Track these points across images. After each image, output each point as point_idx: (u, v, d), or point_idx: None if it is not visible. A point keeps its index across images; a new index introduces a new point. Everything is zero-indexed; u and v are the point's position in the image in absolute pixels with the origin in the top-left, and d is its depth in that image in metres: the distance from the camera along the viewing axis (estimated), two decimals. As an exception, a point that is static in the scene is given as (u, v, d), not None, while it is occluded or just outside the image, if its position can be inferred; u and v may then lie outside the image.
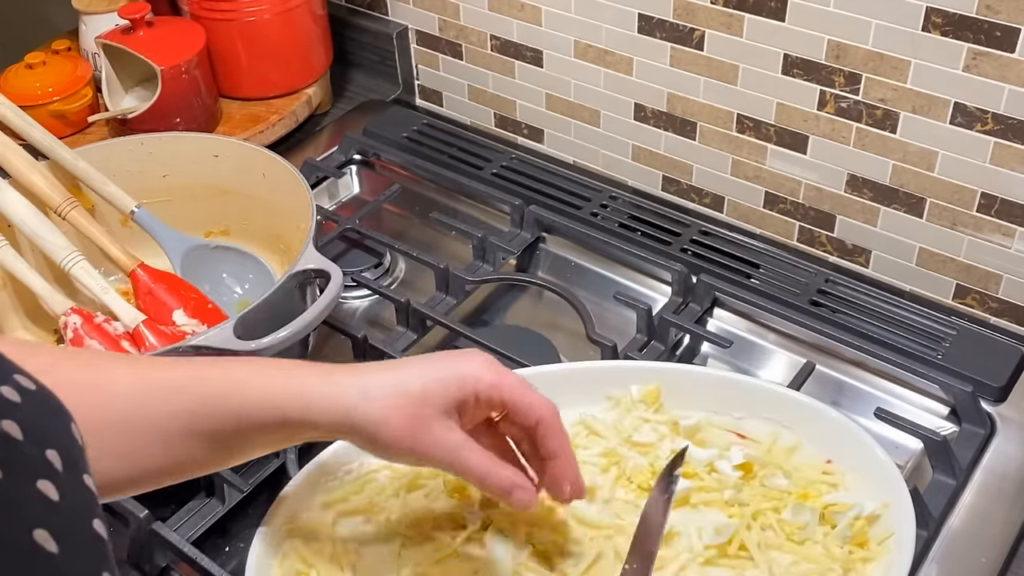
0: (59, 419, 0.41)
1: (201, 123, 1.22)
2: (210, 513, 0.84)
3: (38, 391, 0.40)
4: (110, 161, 1.04)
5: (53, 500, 0.37)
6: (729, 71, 1.06)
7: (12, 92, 1.14)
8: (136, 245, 1.03)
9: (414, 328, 1.01)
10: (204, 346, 0.82)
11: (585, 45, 1.16)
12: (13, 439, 0.37)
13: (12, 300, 1.02)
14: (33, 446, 0.37)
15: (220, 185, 1.06)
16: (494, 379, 0.65)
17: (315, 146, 1.29)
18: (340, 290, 0.88)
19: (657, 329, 0.98)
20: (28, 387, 0.40)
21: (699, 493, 0.76)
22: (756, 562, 0.72)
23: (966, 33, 0.90)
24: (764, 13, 1.01)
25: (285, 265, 1.01)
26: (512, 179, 1.18)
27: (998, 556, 0.80)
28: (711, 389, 0.83)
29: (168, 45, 1.19)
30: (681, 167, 1.16)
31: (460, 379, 0.64)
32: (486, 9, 1.22)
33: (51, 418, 0.40)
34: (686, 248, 1.07)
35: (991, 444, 0.88)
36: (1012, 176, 0.94)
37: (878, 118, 0.99)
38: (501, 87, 1.28)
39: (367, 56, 1.38)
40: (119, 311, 0.96)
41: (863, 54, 0.97)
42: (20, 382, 0.39)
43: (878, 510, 0.74)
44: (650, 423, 0.82)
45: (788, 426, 0.81)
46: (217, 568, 0.77)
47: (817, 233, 1.10)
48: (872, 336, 0.95)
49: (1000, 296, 1.01)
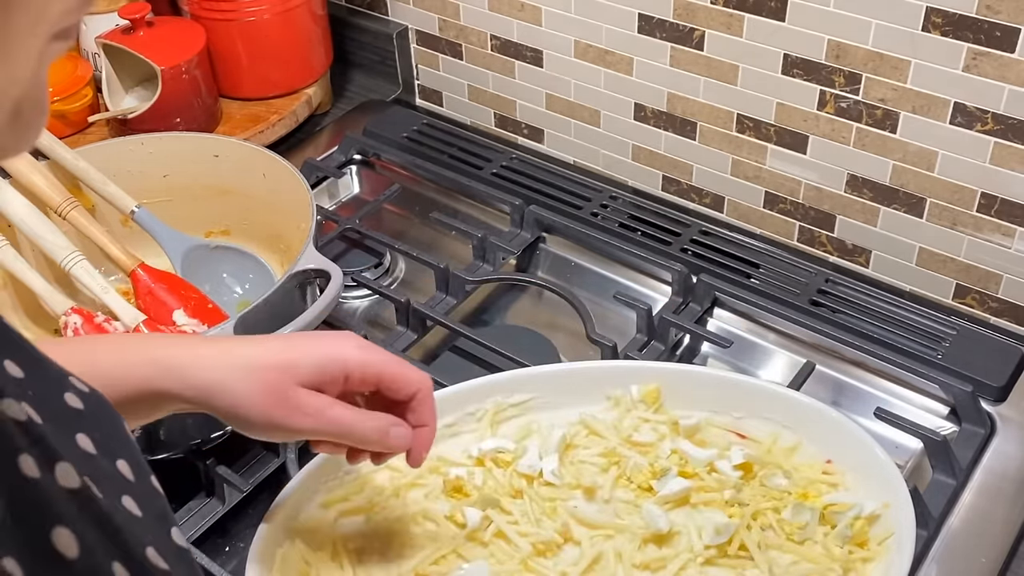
0: (115, 422, 0.40)
1: (201, 123, 1.22)
2: (210, 513, 0.84)
3: (92, 393, 0.40)
4: (110, 161, 1.04)
5: (137, 516, 0.36)
6: (729, 71, 1.06)
7: (12, 92, 1.14)
8: (136, 245, 1.03)
9: (414, 328, 1.01)
10: (204, 346, 0.82)
11: (585, 45, 1.16)
12: (89, 455, 0.36)
13: (12, 300, 1.01)
14: (107, 459, 0.37)
15: (220, 185, 1.06)
16: (364, 357, 0.65)
17: (315, 146, 1.29)
18: (340, 290, 0.88)
19: (657, 329, 0.98)
20: (83, 390, 0.39)
21: (699, 493, 0.76)
22: (756, 562, 0.72)
23: (966, 33, 0.90)
24: (764, 13, 1.01)
25: (285, 265, 1.01)
26: (512, 179, 1.18)
27: (998, 556, 0.80)
28: (711, 389, 0.83)
29: (168, 45, 1.19)
30: (681, 167, 1.16)
31: (327, 357, 0.64)
32: (486, 9, 1.22)
33: (109, 423, 0.40)
34: (686, 248, 1.07)
35: (991, 444, 0.88)
36: (1012, 176, 0.94)
37: (878, 118, 0.99)
38: (501, 87, 1.28)
39: (367, 56, 1.38)
40: (119, 311, 0.96)
41: (863, 54, 0.97)
42: (76, 385, 0.39)
43: (878, 510, 0.74)
44: (650, 423, 0.82)
45: (788, 426, 0.81)
46: (217, 568, 0.77)
47: (817, 233, 1.10)
48: (872, 336, 0.95)
49: (1000, 296, 1.01)
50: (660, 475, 0.77)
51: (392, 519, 0.75)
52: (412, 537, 0.74)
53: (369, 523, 0.76)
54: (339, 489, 0.77)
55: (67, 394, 0.38)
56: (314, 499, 0.77)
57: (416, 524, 0.75)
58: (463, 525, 0.75)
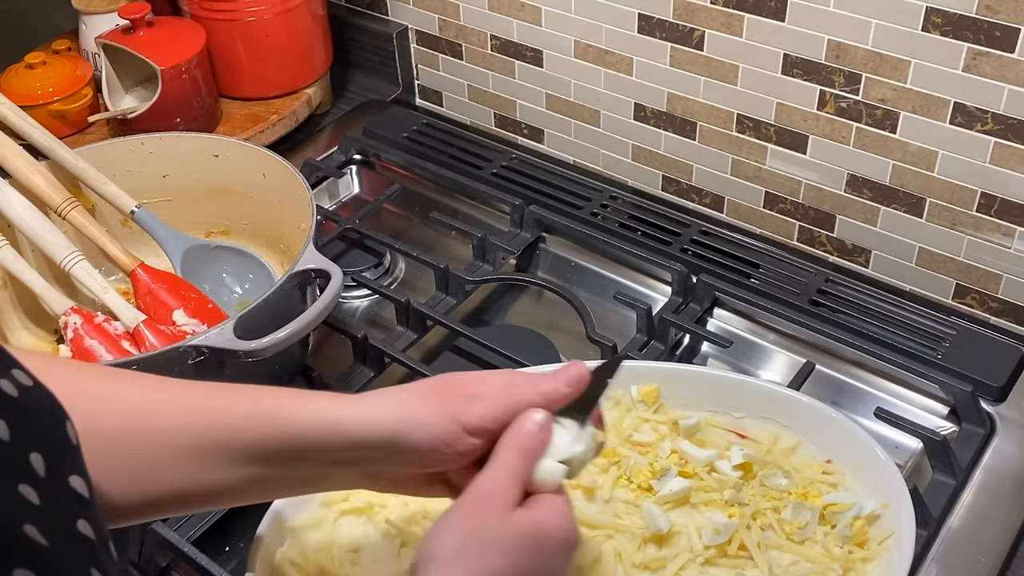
0: (52, 417, 0.41)
1: (201, 123, 1.22)
2: (210, 513, 0.84)
3: (34, 387, 0.40)
4: (110, 161, 1.04)
5: (34, 503, 0.37)
6: (729, 71, 1.06)
7: (12, 92, 1.14)
8: (136, 245, 1.03)
9: (414, 328, 1.01)
10: (204, 346, 0.82)
11: (585, 45, 1.16)
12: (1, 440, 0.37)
13: (12, 300, 1.02)
14: (17, 448, 0.38)
15: (220, 185, 1.06)
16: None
17: (315, 146, 1.29)
18: (340, 290, 0.88)
19: (657, 329, 0.98)
20: (25, 383, 0.40)
21: (699, 493, 0.76)
22: (756, 562, 0.72)
23: (966, 33, 0.90)
24: (764, 13, 1.01)
25: (285, 265, 1.01)
26: (512, 179, 1.18)
27: (998, 556, 0.80)
28: (711, 389, 0.83)
29: (168, 45, 1.19)
30: (681, 167, 1.17)
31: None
32: (486, 9, 1.22)
33: (42, 417, 0.40)
34: (686, 248, 1.07)
35: (991, 444, 0.88)
36: (1012, 176, 0.94)
37: (878, 118, 0.99)
38: (501, 87, 1.28)
39: (367, 56, 1.38)
40: (119, 311, 0.96)
41: (863, 54, 0.97)
42: (18, 377, 0.40)
43: (878, 510, 0.74)
44: (650, 423, 0.82)
45: (788, 426, 0.81)
46: (217, 568, 0.77)
47: (817, 233, 1.10)
48: (872, 336, 0.95)
49: (1000, 296, 1.01)
50: (660, 475, 0.77)
51: (392, 519, 0.75)
52: (412, 537, 0.74)
53: (369, 523, 0.76)
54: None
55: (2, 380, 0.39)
56: (314, 499, 0.77)
57: (416, 524, 0.75)
58: (463, 525, 0.74)
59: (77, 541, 0.39)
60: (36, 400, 0.40)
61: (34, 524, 0.36)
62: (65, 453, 0.41)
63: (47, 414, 0.41)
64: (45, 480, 0.38)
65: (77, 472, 0.41)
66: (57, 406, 0.42)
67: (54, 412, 0.42)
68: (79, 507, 0.40)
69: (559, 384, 0.61)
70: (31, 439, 0.39)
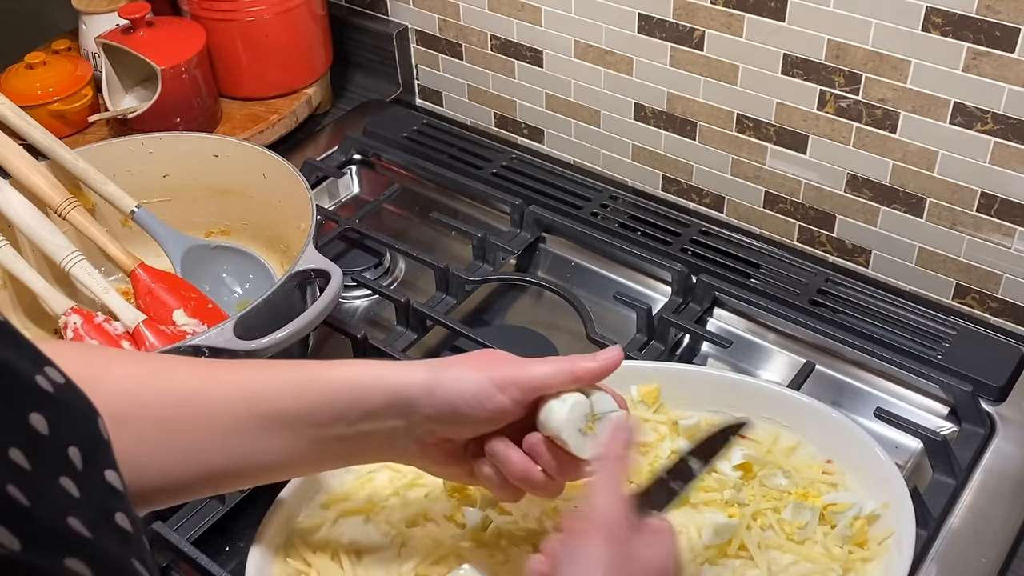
0: (84, 413, 0.42)
1: (201, 123, 1.22)
2: (210, 513, 0.84)
3: (66, 385, 0.41)
4: (110, 161, 1.04)
5: (75, 496, 0.38)
6: (729, 71, 1.06)
7: (12, 92, 1.14)
8: (136, 245, 1.03)
9: (414, 328, 1.01)
10: (204, 346, 0.82)
11: (585, 45, 1.16)
12: (40, 434, 0.38)
13: (12, 300, 1.02)
14: (56, 442, 0.39)
15: (220, 185, 1.06)
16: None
17: (315, 146, 1.29)
18: (340, 290, 0.88)
19: (657, 329, 0.98)
20: (58, 380, 0.41)
21: (699, 493, 0.76)
22: (756, 562, 0.72)
23: (966, 33, 0.90)
24: (764, 13, 1.01)
25: (285, 265, 1.01)
26: (512, 179, 1.18)
27: (998, 556, 0.80)
28: (711, 389, 0.83)
29: (168, 45, 1.19)
30: (681, 167, 1.17)
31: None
32: (486, 9, 1.22)
33: (75, 412, 0.41)
34: (686, 248, 1.07)
35: (991, 444, 0.88)
36: (1012, 176, 0.94)
37: (878, 118, 0.99)
38: (501, 87, 1.28)
39: (367, 56, 1.38)
40: (119, 311, 0.96)
41: (863, 54, 0.97)
42: (51, 375, 0.41)
43: (878, 510, 0.74)
44: (650, 423, 0.82)
45: (788, 426, 0.81)
46: (217, 568, 0.77)
47: (817, 233, 1.10)
48: (872, 336, 0.95)
49: (1000, 296, 1.01)
50: (660, 475, 0.77)
51: (392, 519, 0.75)
52: (412, 537, 0.74)
53: (369, 523, 0.76)
54: (339, 489, 0.77)
55: (38, 376, 0.40)
56: (314, 499, 0.77)
57: (416, 524, 0.75)
58: (463, 525, 0.75)
59: (117, 533, 0.40)
60: (68, 397, 0.41)
61: (77, 516, 0.37)
62: (99, 447, 0.42)
63: (79, 410, 0.42)
64: (83, 473, 0.39)
65: (111, 466, 0.42)
66: (88, 402, 0.43)
67: (86, 408, 0.43)
68: (115, 500, 0.41)
69: (592, 363, 0.65)
70: (68, 433, 0.40)
